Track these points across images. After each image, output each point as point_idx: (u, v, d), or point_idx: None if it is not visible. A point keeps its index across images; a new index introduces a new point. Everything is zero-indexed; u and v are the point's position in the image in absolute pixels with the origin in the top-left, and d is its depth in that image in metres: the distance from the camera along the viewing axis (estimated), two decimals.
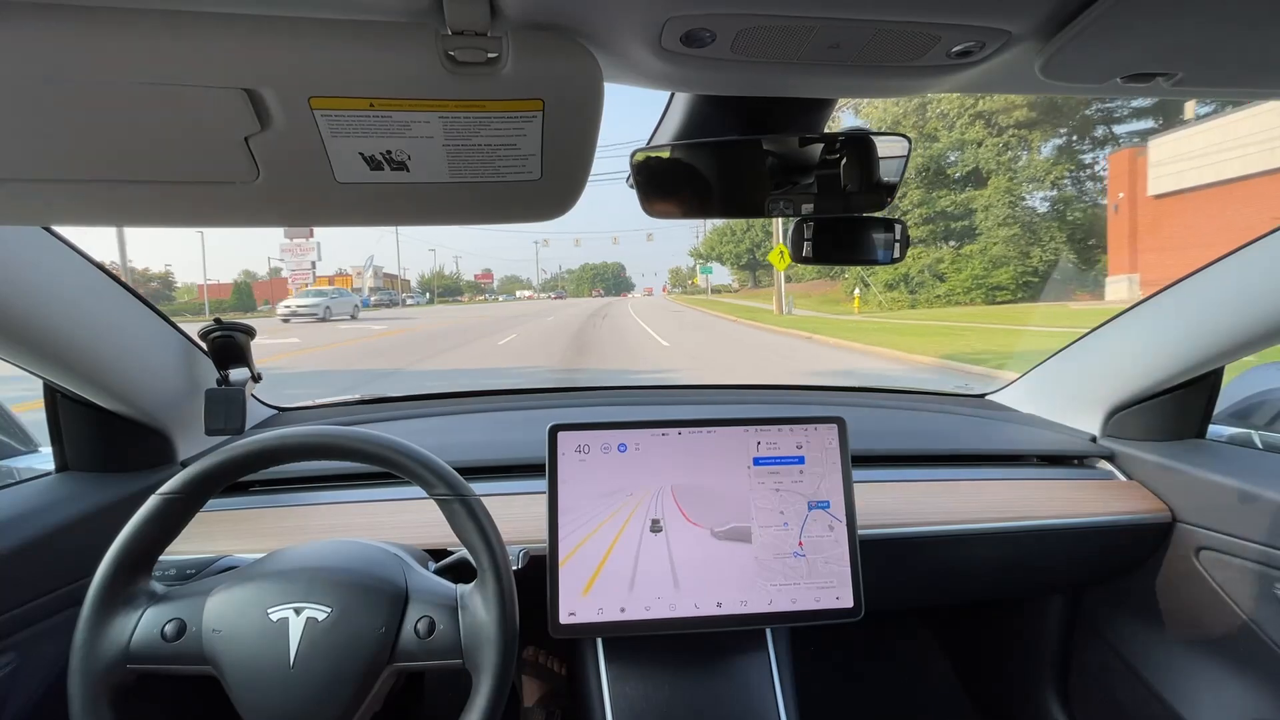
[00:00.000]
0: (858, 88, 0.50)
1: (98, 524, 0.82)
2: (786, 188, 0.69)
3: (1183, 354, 0.99)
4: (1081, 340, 1.19)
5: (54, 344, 0.76)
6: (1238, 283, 0.90)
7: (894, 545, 0.98)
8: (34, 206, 0.50)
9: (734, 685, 0.87)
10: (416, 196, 0.50)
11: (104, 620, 0.61)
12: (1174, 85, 0.46)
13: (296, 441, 0.65)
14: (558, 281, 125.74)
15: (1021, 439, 1.21)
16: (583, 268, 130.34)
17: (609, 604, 0.81)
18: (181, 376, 0.97)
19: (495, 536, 0.66)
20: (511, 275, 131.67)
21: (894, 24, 0.40)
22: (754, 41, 0.42)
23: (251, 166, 0.45)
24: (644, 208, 0.68)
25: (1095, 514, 1.03)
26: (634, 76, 0.47)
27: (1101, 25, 0.38)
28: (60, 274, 0.76)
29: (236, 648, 0.62)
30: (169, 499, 0.64)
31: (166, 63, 0.37)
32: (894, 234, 0.74)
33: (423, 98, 0.41)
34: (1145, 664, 1.08)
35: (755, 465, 0.86)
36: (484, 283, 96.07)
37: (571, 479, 0.83)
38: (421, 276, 76.04)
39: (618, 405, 1.32)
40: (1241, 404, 1.18)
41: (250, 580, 0.65)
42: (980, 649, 1.42)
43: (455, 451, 1.02)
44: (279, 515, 0.94)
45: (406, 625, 0.64)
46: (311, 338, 13.38)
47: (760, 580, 0.84)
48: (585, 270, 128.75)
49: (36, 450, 1.12)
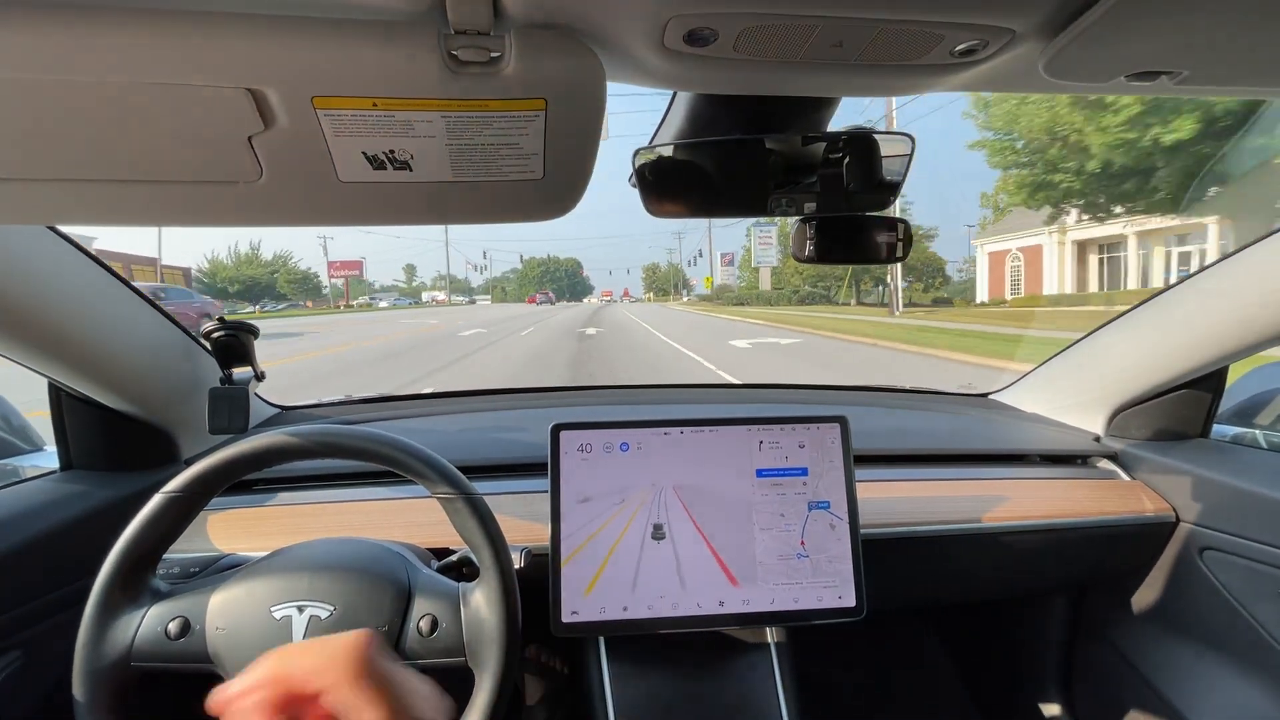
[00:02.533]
0: (860, 87, 0.50)
1: (102, 522, 0.83)
2: (789, 187, 0.69)
3: (1187, 353, 0.99)
4: (1085, 339, 1.18)
5: (58, 342, 0.77)
6: (1243, 282, 0.89)
7: (896, 544, 0.98)
8: (37, 206, 0.50)
9: (736, 684, 0.87)
10: (419, 196, 0.50)
11: (108, 618, 0.62)
12: (1178, 84, 0.46)
13: (299, 440, 0.65)
14: (498, 284, 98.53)
15: (1025, 438, 1.21)
16: (527, 263, 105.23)
17: (611, 603, 0.81)
18: (185, 375, 0.98)
19: (498, 535, 0.66)
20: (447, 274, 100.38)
21: (897, 23, 0.40)
22: (757, 40, 0.41)
23: (254, 166, 0.45)
24: (646, 207, 0.68)
25: (1099, 514, 1.03)
26: (636, 75, 0.47)
27: (1106, 23, 0.38)
28: (64, 273, 0.76)
29: (240, 646, 0.62)
30: (173, 497, 0.64)
31: (170, 62, 0.37)
32: (897, 233, 0.73)
33: (425, 97, 0.41)
34: (1149, 664, 1.08)
35: (759, 477, 0.86)
36: (351, 275, 62.31)
37: (573, 478, 0.84)
38: (200, 267, 47.14)
39: (619, 404, 1.33)
40: (1246, 403, 1.17)
41: (254, 578, 0.65)
42: (983, 648, 1.42)
43: (458, 450, 1.02)
44: (282, 514, 0.94)
45: (409, 623, 0.64)
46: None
47: (763, 579, 0.84)
48: (530, 267, 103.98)
49: (41, 449, 1.13)
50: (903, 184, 0.69)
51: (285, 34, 0.37)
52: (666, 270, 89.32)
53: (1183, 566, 1.03)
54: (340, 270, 62.31)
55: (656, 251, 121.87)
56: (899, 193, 0.69)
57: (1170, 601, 1.06)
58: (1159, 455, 1.07)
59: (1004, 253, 26.56)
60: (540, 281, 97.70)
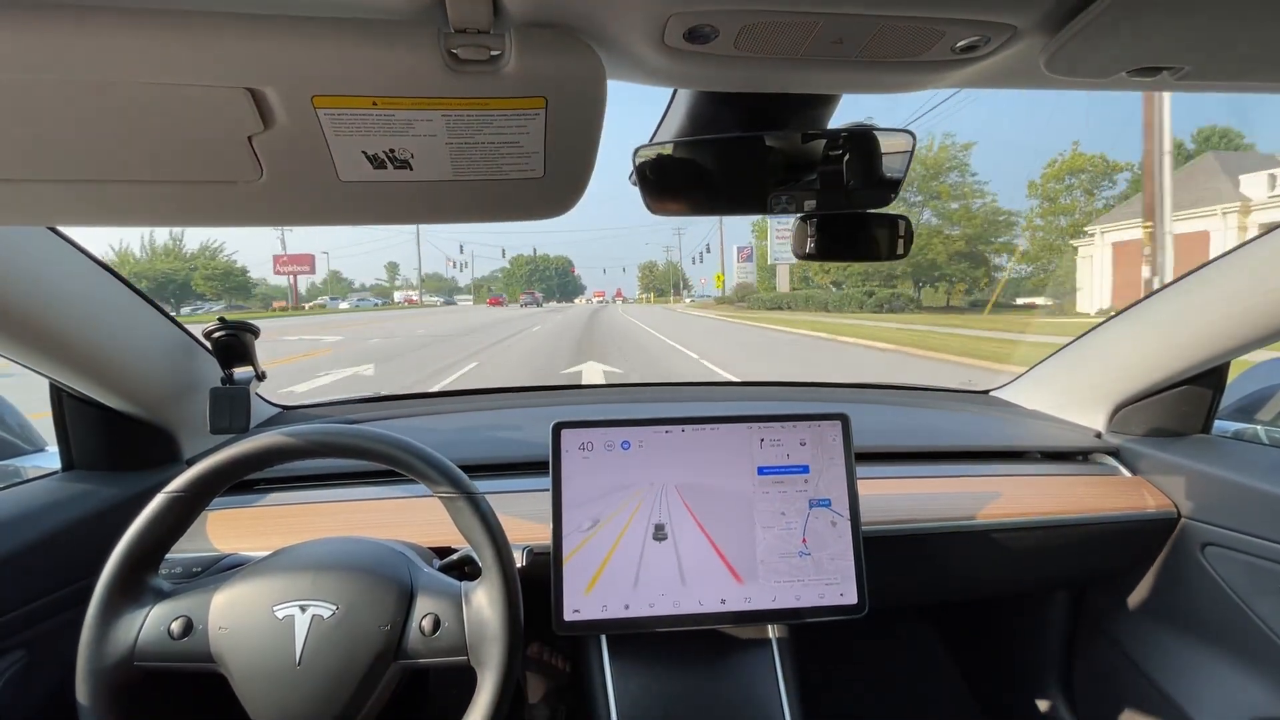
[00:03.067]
0: (861, 83, 0.50)
1: (104, 522, 0.83)
2: (789, 184, 0.69)
3: (1188, 349, 0.99)
4: (1086, 336, 1.18)
5: (60, 343, 0.77)
6: (1244, 278, 0.89)
7: (898, 542, 0.98)
8: (38, 206, 0.50)
9: (738, 682, 0.88)
10: (419, 195, 0.50)
11: (111, 618, 0.62)
12: (1180, 79, 0.46)
13: (301, 440, 0.65)
14: (484, 284, 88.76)
15: (1026, 435, 1.21)
16: (514, 261, 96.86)
17: (613, 601, 0.81)
18: (186, 375, 0.98)
19: (499, 533, 0.66)
20: (434, 273, 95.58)
21: (898, 19, 0.40)
22: (757, 37, 0.41)
23: (255, 166, 0.45)
24: (647, 205, 0.68)
25: (1100, 510, 1.03)
26: (637, 73, 0.47)
27: (1107, 19, 0.38)
28: (65, 273, 0.76)
29: (243, 645, 0.62)
30: (175, 497, 0.64)
31: (170, 62, 0.37)
32: (898, 230, 0.73)
33: (426, 96, 0.41)
34: (1150, 660, 1.08)
35: (760, 475, 0.86)
36: (300, 271, 49.95)
37: (575, 476, 0.84)
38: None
39: (620, 403, 1.33)
40: (1247, 399, 1.17)
41: (256, 578, 0.65)
42: (984, 645, 1.42)
43: (459, 449, 1.02)
44: (284, 513, 0.94)
45: (412, 622, 0.64)
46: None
47: (764, 577, 0.84)
48: (518, 265, 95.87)
49: (43, 449, 1.13)
50: (904, 181, 0.68)
51: (285, 34, 0.37)
52: (665, 269, 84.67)
53: (1184, 563, 1.03)
54: (288, 265, 50.32)
55: (654, 249, 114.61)
56: (899, 190, 0.69)
57: (1171, 598, 1.06)
58: (1160, 451, 1.07)
59: (1133, 243, 15.36)
60: (528, 281, 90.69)
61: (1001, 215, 26.67)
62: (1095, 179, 25.37)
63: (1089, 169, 25.14)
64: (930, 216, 26.90)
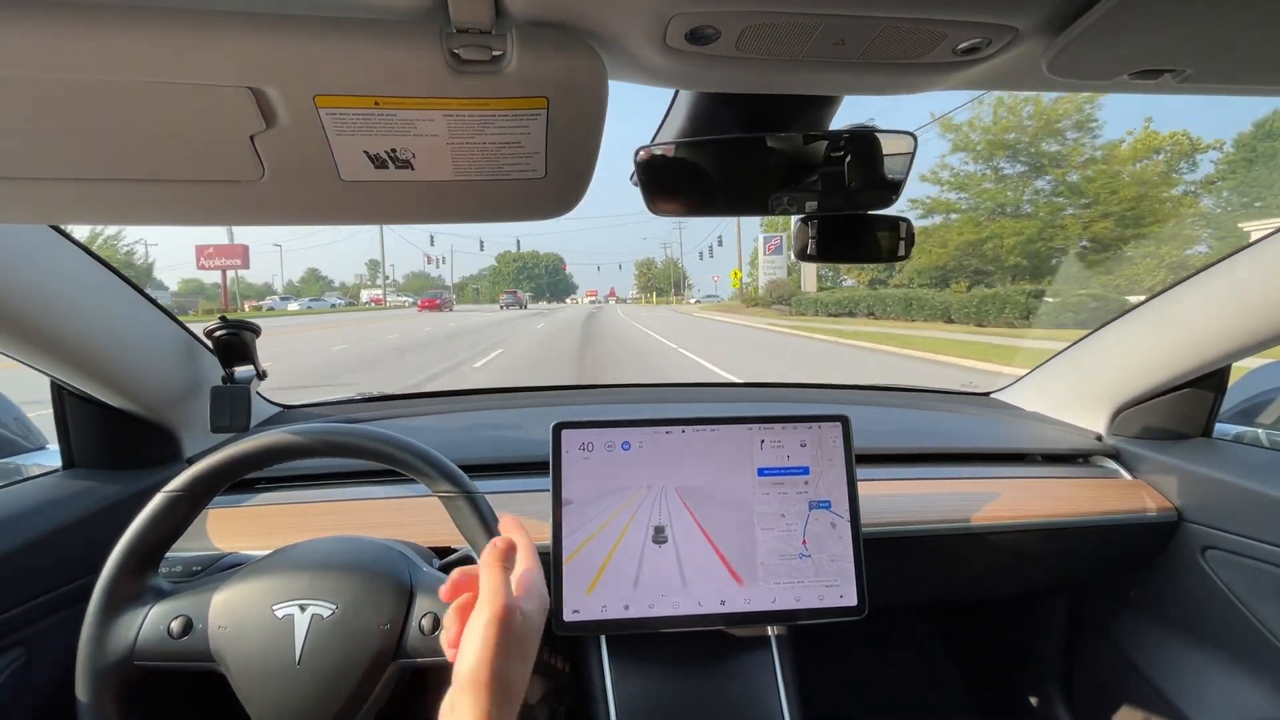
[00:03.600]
0: (863, 85, 0.50)
1: (104, 521, 0.83)
2: (790, 185, 0.69)
3: (1190, 352, 0.99)
4: (1087, 338, 1.18)
5: (61, 341, 0.77)
6: (1246, 281, 0.89)
7: (898, 544, 0.98)
8: (40, 205, 0.50)
9: (738, 683, 0.87)
10: (420, 195, 0.50)
11: (111, 617, 0.62)
12: (1181, 82, 0.46)
13: (301, 439, 0.65)
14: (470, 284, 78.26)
15: (1027, 437, 1.21)
16: (501, 258, 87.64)
17: (613, 601, 0.81)
18: (187, 374, 0.98)
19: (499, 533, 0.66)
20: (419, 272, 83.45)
21: (900, 20, 0.40)
22: (759, 38, 0.41)
23: (256, 165, 0.45)
24: (648, 205, 0.68)
25: (1101, 512, 1.03)
26: (638, 74, 0.47)
27: (1109, 22, 0.38)
28: (66, 272, 0.76)
29: (242, 645, 0.62)
30: (175, 496, 0.64)
31: (172, 61, 0.37)
32: (899, 231, 0.73)
33: (427, 96, 0.41)
34: (1150, 663, 1.08)
35: (760, 476, 0.86)
36: (229, 265, 40.73)
37: (575, 477, 0.83)
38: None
39: (621, 403, 1.32)
40: (1249, 402, 1.17)
41: (256, 577, 0.65)
42: (985, 647, 1.42)
43: (459, 449, 1.02)
44: (284, 512, 0.94)
45: (412, 621, 0.64)
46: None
47: (764, 579, 0.84)
48: (505, 262, 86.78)
49: (43, 448, 1.13)
50: (905, 182, 0.68)
51: (287, 33, 0.37)
52: (664, 267, 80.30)
53: (1184, 565, 1.02)
54: (213, 259, 40.16)
55: (652, 245, 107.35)
56: (901, 191, 0.69)
57: (1172, 600, 1.06)
58: (1161, 454, 1.07)
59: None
60: (516, 279, 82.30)
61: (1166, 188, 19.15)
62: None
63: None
64: (1043, 184, 20.09)
